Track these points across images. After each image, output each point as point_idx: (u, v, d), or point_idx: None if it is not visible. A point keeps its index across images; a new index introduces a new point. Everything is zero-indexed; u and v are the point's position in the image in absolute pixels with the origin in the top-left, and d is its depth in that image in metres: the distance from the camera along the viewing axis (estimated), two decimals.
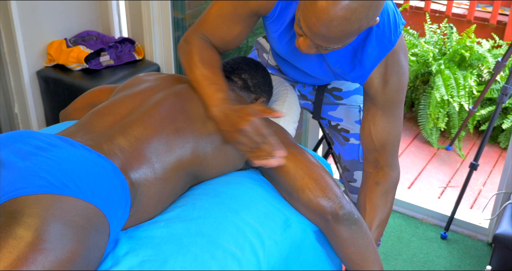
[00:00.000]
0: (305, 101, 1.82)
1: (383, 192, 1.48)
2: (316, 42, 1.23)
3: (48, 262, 0.95)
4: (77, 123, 1.33)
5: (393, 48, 1.36)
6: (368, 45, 1.36)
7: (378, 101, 1.43)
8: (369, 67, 1.39)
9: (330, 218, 1.27)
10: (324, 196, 1.27)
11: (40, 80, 2.63)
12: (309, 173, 1.30)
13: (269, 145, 1.25)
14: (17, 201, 1.02)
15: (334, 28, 1.16)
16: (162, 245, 1.13)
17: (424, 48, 3.33)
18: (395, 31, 1.37)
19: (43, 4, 2.55)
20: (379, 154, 1.49)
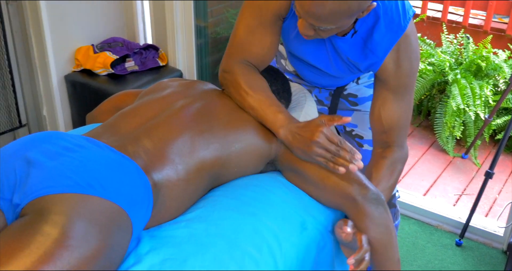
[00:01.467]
0: (321, 106, 1.82)
1: (389, 164, 1.45)
2: (309, 21, 1.23)
3: (73, 258, 0.96)
4: (103, 124, 1.34)
5: (404, 33, 1.35)
6: (376, 33, 1.36)
7: (389, 86, 1.42)
8: (382, 54, 1.38)
9: (359, 199, 1.26)
10: (349, 179, 1.28)
11: (68, 84, 2.66)
12: None
13: (346, 151, 1.24)
14: (45, 199, 1.03)
15: (324, 7, 1.17)
16: (182, 245, 1.14)
17: (441, 58, 3.30)
18: (404, 16, 1.36)
19: (72, 11, 2.58)
20: (387, 135, 1.47)
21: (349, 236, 1.24)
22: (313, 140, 1.24)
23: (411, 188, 2.89)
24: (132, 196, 1.11)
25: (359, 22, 1.36)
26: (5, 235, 1.00)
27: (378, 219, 1.29)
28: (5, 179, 1.09)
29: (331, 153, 1.25)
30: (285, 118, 1.33)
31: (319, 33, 1.29)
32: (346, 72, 1.53)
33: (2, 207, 1.09)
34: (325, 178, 1.30)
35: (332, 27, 1.24)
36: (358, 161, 1.25)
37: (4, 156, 1.15)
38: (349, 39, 1.40)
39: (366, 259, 1.21)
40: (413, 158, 3.18)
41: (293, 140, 1.29)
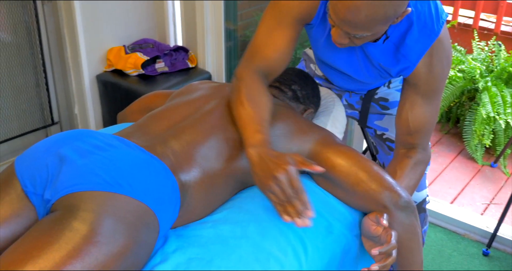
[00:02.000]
0: (352, 110, 1.80)
1: (413, 164, 1.44)
2: (344, 29, 1.21)
3: (101, 254, 0.97)
4: (134, 125, 1.35)
5: (437, 37, 1.34)
6: (409, 38, 1.33)
7: (419, 90, 1.41)
8: (415, 59, 1.36)
9: (391, 206, 1.25)
10: (381, 186, 1.27)
11: (99, 84, 2.69)
12: (361, 166, 1.29)
13: (300, 201, 1.13)
14: (74, 196, 1.04)
15: (359, 13, 1.14)
16: (208, 245, 1.14)
17: (471, 65, 3.25)
18: (437, 20, 1.33)
19: (104, 12, 2.62)
20: (413, 138, 1.46)
21: (379, 229, 1.23)
22: (274, 175, 1.13)
23: (438, 195, 2.84)
24: (159, 196, 1.11)
25: (391, 28, 1.34)
26: (35, 230, 1.01)
27: (408, 226, 1.27)
28: (37, 175, 1.11)
29: (285, 196, 1.13)
30: (262, 140, 1.23)
31: (353, 41, 1.26)
32: (376, 78, 1.52)
33: (34, 202, 1.11)
34: (355, 184, 1.28)
35: (367, 34, 1.22)
36: (306, 219, 1.13)
37: (37, 152, 1.17)
38: (380, 44, 1.38)
39: (392, 256, 1.19)
40: (440, 165, 3.13)
41: (257, 164, 1.18)
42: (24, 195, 1.11)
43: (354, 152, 1.34)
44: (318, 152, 1.34)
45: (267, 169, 1.15)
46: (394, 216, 1.26)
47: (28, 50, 2.60)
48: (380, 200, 1.26)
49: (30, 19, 2.55)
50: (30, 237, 0.99)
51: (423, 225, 1.82)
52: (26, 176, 1.12)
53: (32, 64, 2.64)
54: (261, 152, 1.20)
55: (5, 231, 1.08)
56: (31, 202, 1.11)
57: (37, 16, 2.54)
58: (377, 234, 1.23)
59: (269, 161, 1.16)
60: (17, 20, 2.52)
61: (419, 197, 1.75)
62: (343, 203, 1.34)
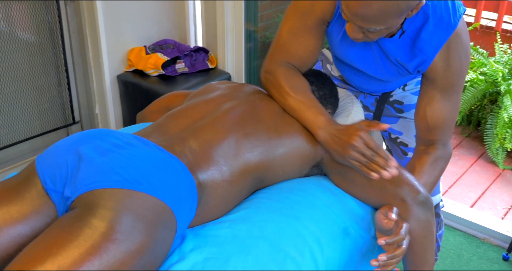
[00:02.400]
0: (366, 112, 1.79)
1: (432, 160, 1.42)
2: (357, 23, 1.21)
3: (119, 252, 0.97)
4: (153, 124, 1.36)
5: (454, 31, 1.31)
6: (424, 32, 1.32)
7: (437, 84, 1.38)
8: (431, 53, 1.34)
9: (409, 201, 1.24)
10: (399, 181, 1.26)
11: (120, 84, 2.71)
12: None
13: (381, 157, 1.22)
14: (93, 194, 1.05)
15: (371, 7, 1.14)
16: (225, 245, 1.14)
17: (494, 68, 3.20)
18: (454, 14, 1.31)
19: (126, 13, 2.64)
20: (432, 134, 1.44)
21: (390, 223, 1.22)
22: (350, 144, 1.23)
23: (458, 199, 2.81)
24: (177, 194, 1.11)
25: (407, 22, 1.32)
26: (55, 227, 1.02)
27: (424, 223, 1.26)
28: (57, 172, 1.12)
29: (366, 158, 1.23)
30: (325, 120, 1.33)
31: (368, 35, 1.26)
32: (394, 74, 1.50)
33: (54, 199, 1.12)
34: (372, 180, 1.27)
35: (381, 28, 1.21)
36: (392, 169, 1.22)
37: (57, 150, 1.18)
38: (397, 39, 1.37)
39: (402, 247, 1.17)
40: (461, 169, 3.09)
41: (331, 141, 1.29)
42: (44, 193, 1.12)
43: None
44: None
45: (342, 142, 1.26)
46: (411, 210, 1.24)
47: (50, 50, 2.64)
48: (398, 194, 1.25)
49: (53, 19, 2.57)
50: (49, 234, 1.00)
51: (438, 229, 1.79)
52: (46, 174, 1.13)
53: (54, 64, 2.67)
54: (329, 131, 1.30)
55: (25, 227, 1.09)
56: (51, 199, 1.12)
57: (60, 16, 2.56)
58: (390, 228, 1.22)
59: (341, 135, 1.27)
60: (40, 20, 2.55)
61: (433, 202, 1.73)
62: (361, 205, 1.33)
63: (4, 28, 2.45)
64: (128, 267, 0.98)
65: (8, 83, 2.51)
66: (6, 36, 2.45)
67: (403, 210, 1.24)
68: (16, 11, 2.47)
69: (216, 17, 2.68)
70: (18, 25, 2.49)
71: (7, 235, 1.07)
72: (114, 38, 2.63)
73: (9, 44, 2.47)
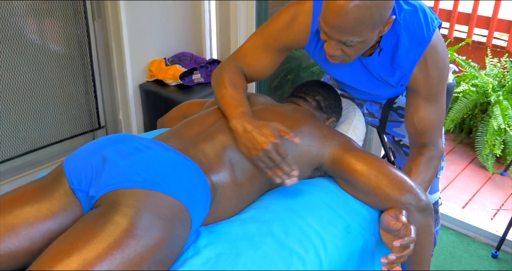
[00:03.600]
0: (372, 118, 1.78)
1: (426, 160, 1.41)
2: (335, 36, 1.19)
3: (139, 246, 0.97)
4: (170, 130, 1.36)
5: (429, 43, 1.31)
6: (401, 48, 1.32)
7: (420, 94, 1.38)
8: (409, 67, 1.34)
9: (411, 208, 1.23)
10: (402, 189, 1.24)
11: (142, 92, 2.72)
12: (381, 171, 1.27)
13: (288, 165, 1.21)
14: (116, 193, 1.05)
15: (346, 16, 1.14)
16: (236, 241, 1.13)
17: (484, 80, 3.17)
18: (427, 28, 1.31)
19: (148, 28, 2.64)
20: (422, 137, 1.43)
21: (398, 224, 1.20)
22: (263, 148, 1.20)
23: (451, 200, 2.78)
24: (192, 194, 1.11)
25: (383, 40, 1.33)
26: (81, 223, 1.02)
27: (424, 226, 1.25)
28: (83, 173, 1.12)
29: (274, 163, 1.21)
30: (243, 112, 1.29)
31: (345, 52, 1.24)
32: (381, 88, 1.50)
33: (80, 198, 1.12)
34: (376, 187, 1.26)
35: (357, 39, 1.19)
36: (294, 178, 1.21)
37: (83, 153, 1.19)
38: (376, 57, 1.37)
39: (410, 248, 1.16)
40: (453, 173, 3.06)
41: (243, 135, 1.24)
42: (71, 192, 1.12)
43: (373, 157, 1.32)
44: (339, 156, 1.32)
45: (256, 142, 1.21)
46: (413, 216, 1.23)
47: (79, 61, 2.65)
48: (401, 202, 1.23)
49: (82, 33, 2.59)
50: (76, 229, 1.00)
51: (435, 225, 1.78)
52: (73, 175, 1.13)
53: (83, 74, 2.69)
54: (244, 123, 1.25)
55: (54, 223, 1.09)
56: (77, 198, 1.12)
57: (88, 31, 2.58)
58: (397, 229, 1.20)
59: (256, 134, 1.22)
60: (70, 34, 2.57)
61: (432, 199, 1.72)
62: (361, 204, 1.31)
63: (37, 41, 2.46)
64: (147, 261, 0.98)
65: (40, 91, 2.52)
66: (39, 48, 2.47)
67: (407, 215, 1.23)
68: (48, 26, 2.49)
69: (230, 32, 2.68)
70: (50, 39, 2.51)
71: (38, 230, 1.07)
72: (136, 51, 2.64)
73: (42, 56, 2.48)
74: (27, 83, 2.45)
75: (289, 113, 1.42)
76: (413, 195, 1.23)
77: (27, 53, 2.41)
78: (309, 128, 1.36)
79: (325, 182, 1.37)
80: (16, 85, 2.42)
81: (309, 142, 1.33)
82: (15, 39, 2.35)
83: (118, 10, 2.48)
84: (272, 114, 1.39)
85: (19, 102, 2.46)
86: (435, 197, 1.73)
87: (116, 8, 2.48)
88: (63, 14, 2.50)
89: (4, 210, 1.07)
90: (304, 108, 1.51)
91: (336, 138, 1.36)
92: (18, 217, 1.07)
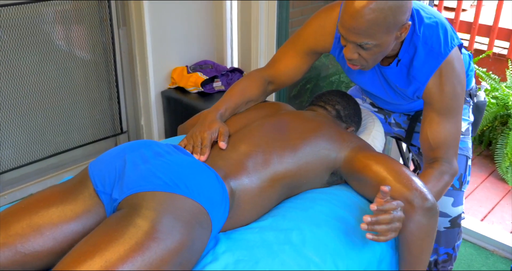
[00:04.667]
0: (398, 128, 1.77)
1: (436, 173, 1.38)
2: (350, 39, 1.24)
3: (159, 249, 0.98)
4: None
5: (445, 59, 1.32)
6: (416, 60, 1.34)
7: (435, 108, 1.37)
8: (423, 79, 1.35)
9: (416, 205, 1.18)
10: (409, 185, 1.20)
11: (163, 99, 2.74)
12: (391, 166, 1.25)
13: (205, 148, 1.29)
14: (138, 196, 1.06)
15: (360, 18, 1.18)
16: (255, 248, 1.13)
17: (505, 92, 3.14)
18: (445, 45, 1.32)
19: (171, 37, 2.68)
20: (435, 152, 1.40)
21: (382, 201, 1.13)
22: (194, 130, 1.35)
23: (469, 213, 2.74)
24: (212, 197, 1.12)
25: (402, 52, 1.35)
26: (104, 225, 1.03)
27: (426, 227, 1.20)
28: (107, 177, 1.14)
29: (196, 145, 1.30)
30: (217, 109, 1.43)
31: (362, 56, 1.28)
32: (399, 99, 1.50)
33: (103, 200, 1.13)
34: (383, 180, 1.23)
35: (372, 42, 1.23)
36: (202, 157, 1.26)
37: (108, 157, 1.20)
38: (394, 67, 1.39)
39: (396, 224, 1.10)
40: (472, 185, 3.02)
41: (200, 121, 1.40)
42: (95, 194, 1.14)
43: (386, 157, 1.31)
44: (352, 156, 1.32)
45: (199, 128, 1.36)
46: (416, 214, 1.18)
47: (103, 68, 2.69)
48: (407, 198, 1.18)
49: (107, 40, 2.63)
50: (99, 231, 1.02)
51: (457, 239, 1.75)
52: (97, 178, 1.15)
53: (107, 80, 2.72)
54: (207, 114, 1.41)
55: (78, 225, 1.11)
56: (101, 200, 1.14)
57: (113, 38, 2.62)
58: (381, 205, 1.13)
59: (204, 123, 1.37)
60: (96, 41, 2.61)
61: (455, 212, 1.69)
62: None
63: (64, 47, 2.51)
64: (167, 263, 0.99)
65: (65, 96, 2.57)
66: (65, 55, 2.52)
67: (409, 212, 1.19)
68: (75, 33, 2.54)
69: (251, 41, 2.70)
70: (76, 45, 2.56)
71: (62, 231, 1.09)
72: (159, 58, 2.67)
73: (68, 62, 2.53)
74: (53, 88, 2.50)
75: (311, 117, 1.44)
76: (419, 193, 1.19)
77: (54, 58, 2.46)
78: (329, 131, 1.37)
79: (343, 191, 1.36)
80: (43, 90, 2.47)
81: (328, 145, 1.34)
82: (43, 45, 2.40)
83: (142, 18, 2.52)
84: (294, 118, 1.42)
85: (45, 106, 2.50)
86: (458, 211, 1.70)
87: (141, 16, 2.52)
88: (90, 22, 2.54)
89: (31, 210, 1.09)
90: (325, 114, 1.52)
91: (354, 141, 1.36)
92: (44, 217, 1.09)
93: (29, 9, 2.30)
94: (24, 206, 1.11)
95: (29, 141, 2.49)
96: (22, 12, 2.28)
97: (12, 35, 2.28)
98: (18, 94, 2.39)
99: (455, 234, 1.70)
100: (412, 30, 1.33)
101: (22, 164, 2.49)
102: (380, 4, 1.17)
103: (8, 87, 2.34)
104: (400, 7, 1.19)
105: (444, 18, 1.39)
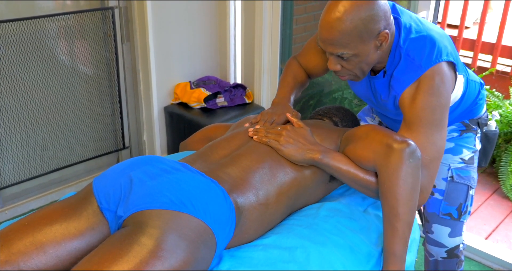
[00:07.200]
0: None
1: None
2: (328, 50, 1.29)
3: (163, 268, 0.98)
4: (196, 153, 1.38)
5: (424, 73, 1.32)
6: (396, 72, 1.37)
7: (405, 117, 1.34)
8: (399, 89, 1.36)
9: (396, 147, 1.21)
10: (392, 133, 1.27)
11: (166, 114, 2.75)
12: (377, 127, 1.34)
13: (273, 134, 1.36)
14: (143, 214, 1.07)
15: (331, 30, 1.24)
16: (259, 267, 1.13)
17: (508, 110, 3.14)
18: (428, 58, 1.33)
19: (174, 53, 2.70)
20: None
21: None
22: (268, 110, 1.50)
23: (474, 231, 2.73)
24: (218, 216, 1.12)
25: (388, 63, 1.38)
26: (108, 243, 1.03)
27: (409, 168, 1.20)
28: (112, 193, 1.14)
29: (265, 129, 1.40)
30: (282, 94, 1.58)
31: (345, 67, 1.32)
32: (387, 110, 1.50)
33: (107, 217, 1.14)
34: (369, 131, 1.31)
35: (349, 52, 1.27)
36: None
37: (112, 174, 1.21)
38: (381, 78, 1.42)
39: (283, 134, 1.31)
40: (476, 203, 3.01)
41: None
42: (100, 211, 1.14)
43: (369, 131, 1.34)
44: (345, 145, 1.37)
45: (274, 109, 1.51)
46: (398, 156, 1.19)
47: (107, 83, 2.71)
48: (388, 142, 1.22)
49: (111, 56, 2.65)
50: (103, 249, 1.02)
51: (457, 267, 1.71)
52: (102, 194, 1.15)
53: (110, 95, 2.74)
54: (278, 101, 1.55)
55: (81, 242, 1.11)
56: (105, 218, 1.14)
57: (117, 54, 2.64)
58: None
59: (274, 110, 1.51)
60: (99, 57, 2.63)
61: (452, 243, 1.66)
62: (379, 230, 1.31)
63: (68, 63, 2.53)
64: None
65: (68, 110, 2.58)
66: (69, 70, 2.54)
67: (390, 155, 1.21)
68: (79, 48, 2.56)
69: (254, 57, 2.72)
70: (80, 61, 2.58)
71: (65, 249, 1.09)
72: (162, 74, 2.68)
73: (72, 77, 2.55)
74: (56, 103, 2.52)
75: (313, 123, 1.50)
76: (403, 139, 1.23)
77: (58, 74, 2.48)
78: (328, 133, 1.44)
79: (349, 205, 1.37)
80: (45, 105, 2.48)
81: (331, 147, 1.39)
82: (47, 60, 2.42)
83: (146, 34, 2.54)
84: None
85: (48, 121, 2.52)
86: (456, 242, 1.67)
87: (145, 32, 2.55)
88: (94, 37, 2.57)
89: (34, 227, 1.10)
90: (326, 122, 1.59)
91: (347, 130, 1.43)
92: (47, 235, 1.09)
93: (33, 24, 2.32)
94: (27, 223, 1.11)
95: (31, 156, 2.50)
96: (26, 28, 2.30)
97: (16, 50, 2.30)
98: (21, 108, 2.40)
99: (454, 264, 1.68)
100: (397, 41, 1.35)
101: (23, 179, 2.50)
102: (349, 14, 1.22)
103: (10, 102, 2.36)
104: (371, 16, 1.23)
105: (440, 35, 1.38)
